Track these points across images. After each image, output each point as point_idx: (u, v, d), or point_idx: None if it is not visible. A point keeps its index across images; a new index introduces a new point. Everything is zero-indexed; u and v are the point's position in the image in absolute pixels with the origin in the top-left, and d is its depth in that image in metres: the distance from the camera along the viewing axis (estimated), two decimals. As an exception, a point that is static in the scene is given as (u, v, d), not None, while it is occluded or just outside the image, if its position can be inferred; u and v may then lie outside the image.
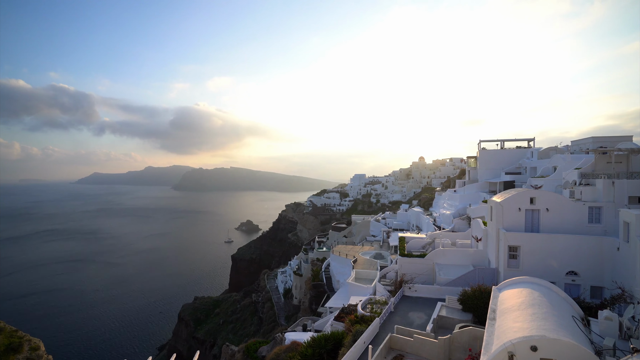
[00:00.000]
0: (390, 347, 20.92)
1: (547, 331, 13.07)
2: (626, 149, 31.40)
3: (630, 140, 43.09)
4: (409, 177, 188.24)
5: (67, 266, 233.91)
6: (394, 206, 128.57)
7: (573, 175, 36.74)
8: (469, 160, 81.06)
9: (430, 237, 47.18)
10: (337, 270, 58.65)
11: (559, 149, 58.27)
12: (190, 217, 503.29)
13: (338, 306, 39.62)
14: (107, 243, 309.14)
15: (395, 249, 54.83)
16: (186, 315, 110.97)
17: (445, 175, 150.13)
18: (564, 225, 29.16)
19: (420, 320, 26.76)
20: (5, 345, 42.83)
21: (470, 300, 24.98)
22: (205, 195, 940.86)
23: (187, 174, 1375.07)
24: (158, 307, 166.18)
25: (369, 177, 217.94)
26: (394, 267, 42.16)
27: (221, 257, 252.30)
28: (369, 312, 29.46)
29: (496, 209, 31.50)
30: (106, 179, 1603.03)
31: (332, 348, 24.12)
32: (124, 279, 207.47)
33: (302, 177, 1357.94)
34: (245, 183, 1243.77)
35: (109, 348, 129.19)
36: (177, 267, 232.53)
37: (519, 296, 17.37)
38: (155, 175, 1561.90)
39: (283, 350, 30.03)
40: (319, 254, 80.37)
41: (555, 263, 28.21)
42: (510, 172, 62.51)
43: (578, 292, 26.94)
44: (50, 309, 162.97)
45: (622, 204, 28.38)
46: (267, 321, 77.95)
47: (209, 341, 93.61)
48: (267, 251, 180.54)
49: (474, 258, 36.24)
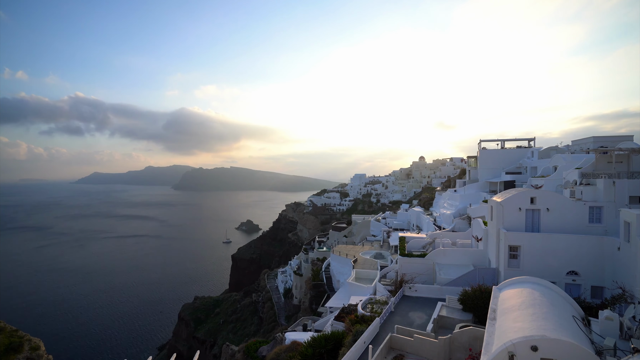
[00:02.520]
0: (391, 347, 20.90)
1: (547, 331, 13.04)
2: (627, 149, 31.37)
3: (631, 140, 43.07)
4: (409, 177, 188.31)
5: (67, 266, 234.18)
6: (394, 206, 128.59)
7: (574, 175, 36.72)
8: (469, 160, 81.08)
9: (430, 237, 47.17)
10: (337, 270, 58.68)
11: (560, 149, 58.31)
12: (190, 216, 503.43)
13: (338, 306, 39.63)
14: (106, 243, 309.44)
15: (395, 249, 54.86)
16: (186, 315, 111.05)
17: (445, 175, 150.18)
18: (564, 225, 29.11)
19: (421, 320, 26.73)
20: (6, 345, 42.89)
21: (471, 300, 24.94)
22: (205, 195, 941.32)
23: (187, 173, 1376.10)
24: (158, 306, 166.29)
25: (369, 176, 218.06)
26: (394, 267, 42.16)
27: (221, 257, 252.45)
28: (369, 312, 29.44)
29: (496, 208, 31.47)
30: (106, 178, 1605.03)
31: (333, 348, 24.11)
32: (124, 279, 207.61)
33: (302, 177, 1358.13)
34: (245, 183, 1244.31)
35: (109, 348, 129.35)
36: (177, 266, 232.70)
37: (520, 296, 17.34)
38: (156, 175, 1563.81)
39: (283, 350, 30.04)
40: (319, 254, 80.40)
41: (555, 263, 28.18)
42: (511, 171, 62.48)
43: (578, 292, 26.90)
44: (50, 309, 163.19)
45: (623, 204, 28.35)
46: (267, 321, 77.95)
47: (209, 341, 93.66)
48: (267, 251, 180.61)
49: (474, 258, 36.21)
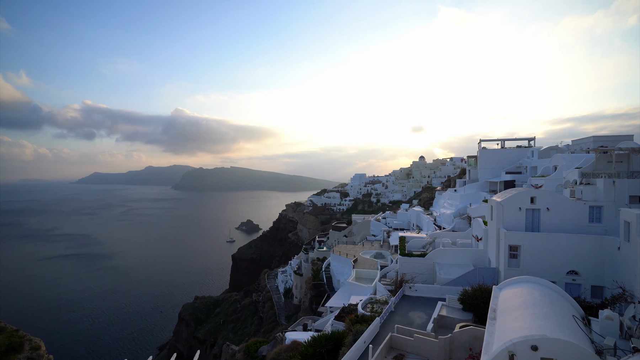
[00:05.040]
0: (391, 347, 20.92)
1: (547, 331, 13.06)
2: (627, 149, 31.38)
3: (631, 139, 43.10)
4: (409, 177, 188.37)
5: (68, 266, 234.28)
6: (395, 206, 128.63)
7: (573, 175, 36.72)
8: (469, 160, 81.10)
9: (430, 237, 47.22)
10: (337, 269, 58.71)
11: (560, 149, 58.36)
12: (190, 216, 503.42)
13: (338, 306, 39.69)
14: (106, 243, 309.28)
15: (395, 249, 54.90)
16: (186, 314, 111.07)
17: (445, 175, 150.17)
18: (564, 225, 29.12)
19: (421, 319, 26.73)
20: (7, 345, 42.92)
21: (471, 300, 24.96)
22: (206, 195, 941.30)
23: (187, 173, 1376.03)
24: (158, 306, 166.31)
25: (369, 176, 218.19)
26: (395, 267, 42.21)
27: (221, 257, 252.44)
28: (369, 312, 29.45)
29: (497, 208, 31.49)
30: (106, 178, 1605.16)
31: (333, 348, 24.12)
32: (124, 279, 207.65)
33: (302, 176, 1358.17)
34: (246, 183, 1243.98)
35: (110, 347, 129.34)
36: (177, 266, 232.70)
37: (520, 296, 17.36)
38: (156, 175, 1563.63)
39: (283, 350, 30.05)
40: (319, 254, 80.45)
41: (555, 262, 28.18)
42: (511, 171, 62.50)
43: (579, 292, 26.90)
44: (51, 308, 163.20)
45: (623, 204, 28.35)
46: (267, 321, 77.95)
47: (210, 341, 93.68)
48: (268, 251, 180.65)
49: (474, 257, 36.23)
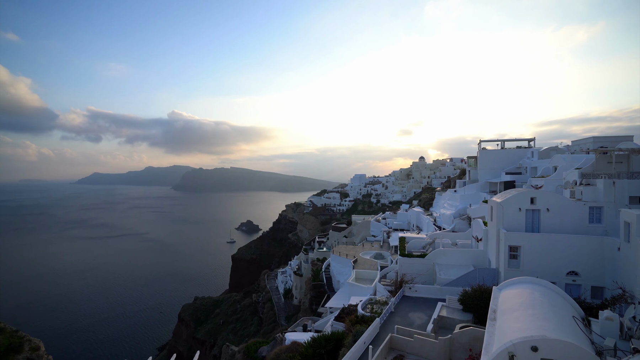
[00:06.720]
0: (391, 348, 20.90)
1: (547, 331, 13.04)
2: (627, 149, 31.36)
3: (631, 140, 43.12)
4: (409, 177, 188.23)
5: (68, 266, 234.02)
6: (394, 206, 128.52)
7: (573, 175, 36.69)
8: (469, 161, 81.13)
9: (430, 237, 47.19)
10: (337, 270, 58.68)
11: (560, 149, 58.39)
12: (189, 217, 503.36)
13: (338, 306, 39.63)
14: (106, 243, 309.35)
15: (395, 249, 54.90)
16: (186, 315, 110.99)
17: (445, 175, 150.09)
18: (564, 226, 29.09)
19: (421, 320, 26.70)
20: (6, 345, 42.91)
21: (471, 301, 24.91)
22: (205, 195, 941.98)
23: (187, 174, 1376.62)
24: (158, 307, 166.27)
25: (369, 177, 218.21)
26: (394, 267, 42.16)
27: (221, 257, 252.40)
28: (369, 313, 29.43)
29: (496, 209, 31.47)
30: (106, 179, 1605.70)
31: (333, 348, 24.07)
32: (124, 279, 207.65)
33: (301, 177, 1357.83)
34: (245, 183, 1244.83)
35: (109, 348, 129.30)
36: (177, 267, 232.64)
37: (520, 296, 17.34)
38: (156, 175, 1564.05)
39: (283, 351, 30.00)
40: (319, 254, 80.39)
41: (555, 263, 28.14)
42: (511, 172, 62.51)
43: (579, 292, 26.87)
44: (50, 309, 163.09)
45: (623, 204, 28.32)
46: (267, 321, 77.88)
47: (209, 341, 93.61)
48: (268, 251, 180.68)
49: (474, 258, 36.21)
